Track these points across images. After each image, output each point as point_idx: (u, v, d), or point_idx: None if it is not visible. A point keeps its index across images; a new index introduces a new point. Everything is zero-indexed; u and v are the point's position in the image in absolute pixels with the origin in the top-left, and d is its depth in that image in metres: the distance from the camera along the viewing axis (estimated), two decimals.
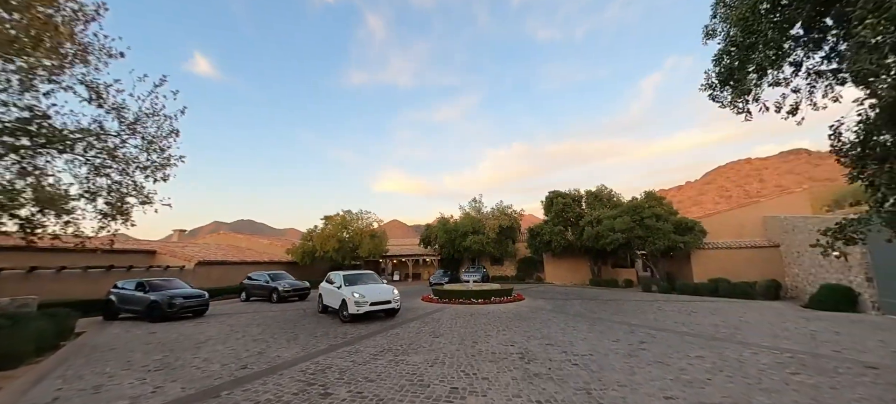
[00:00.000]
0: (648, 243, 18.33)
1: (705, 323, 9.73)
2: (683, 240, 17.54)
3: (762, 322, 9.94)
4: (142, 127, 8.31)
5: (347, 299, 10.48)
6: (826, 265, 13.20)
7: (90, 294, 13.46)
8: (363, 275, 12.24)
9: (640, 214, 19.09)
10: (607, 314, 11.53)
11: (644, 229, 18.64)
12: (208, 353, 7.58)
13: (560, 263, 27.43)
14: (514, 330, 9.16)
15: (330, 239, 24.97)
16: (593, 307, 13.16)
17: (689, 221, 18.32)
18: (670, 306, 13.10)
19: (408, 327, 9.82)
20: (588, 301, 15.01)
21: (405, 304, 14.45)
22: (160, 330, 10.30)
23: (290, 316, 12.20)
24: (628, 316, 11.02)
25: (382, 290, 11.13)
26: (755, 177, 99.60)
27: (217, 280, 19.86)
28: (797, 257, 15.25)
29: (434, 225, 30.41)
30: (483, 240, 27.57)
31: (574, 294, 17.94)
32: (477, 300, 14.12)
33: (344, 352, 7.39)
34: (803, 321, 10.02)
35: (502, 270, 32.39)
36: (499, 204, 30.59)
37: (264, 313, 13.37)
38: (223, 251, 24.20)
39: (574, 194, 26.12)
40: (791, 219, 15.55)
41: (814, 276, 14.00)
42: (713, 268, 17.75)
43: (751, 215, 18.62)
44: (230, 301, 17.97)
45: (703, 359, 6.54)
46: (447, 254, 29.93)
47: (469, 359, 6.73)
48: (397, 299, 11.16)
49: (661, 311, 11.94)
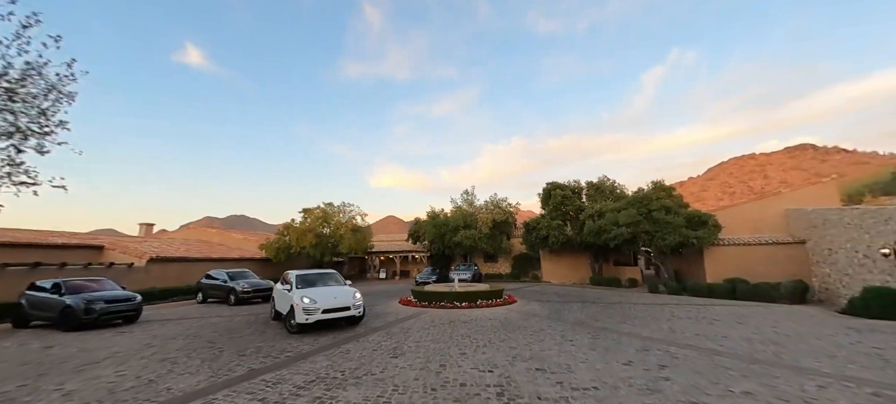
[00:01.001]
0: (657, 238, 16.41)
1: (735, 337, 7.82)
2: (697, 235, 15.62)
3: (804, 334, 8.03)
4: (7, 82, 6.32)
5: (295, 305, 8.55)
6: (868, 264, 11.29)
7: (9, 296, 11.51)
8: (323, 276, 10.31)
9: (647, 207, 17.15)
10: (613, 322, 9.61)
11: (652, 223, 16.71)
12: (82, 382, 5.65)
13: (558, 261, 25.53)
14: (496, 347, 7.24)
15: (307, 233, 22.99)
16: (595, 312, 11.25)
17: (703, 215, 16.40)
18: (684, 311, 11.19)
19: (365, 341, 7.89)
20: (589, 304, 13.10)
21: (378, 308, 12.53)
22: (62, 343, 8.37)
23: (235, 325, 10.27)
24: (638, 326, 9.10)
25: (340, 294, 9.19)
26: (759, 172, 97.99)
27: (176, 278, 17.93)
28: (829, 255, 13.34)
29: (423, 219, 28.45)
30: (475, 235, 25.62)
31: (573, 295, 16.05)
32: (460, 304, 12.20)
33: (260, 383, 5.46)
34: (854, 333, 8.11)
35: (496, 268, 30.50)
36: (493, 196, 28.59)
37: (209, 319, 11.44)
38: (189, 247, 22.24)
39: (574, 186, 24.18)
40: (821, 212, 13.63)
41: (851, 278, 12.10)
42: (728, 267, 15.86)
43: (771, 208, 16.71)
44: (185, 303, 16.04)
45: (753, 398, 4.62)
46: (437, 251, 27.98)
47: (425, 397, 4.81)
48: (359, 304, 9.23)
49: (676, 319, 10.03)
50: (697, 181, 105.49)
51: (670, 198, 17.64)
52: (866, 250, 11.28)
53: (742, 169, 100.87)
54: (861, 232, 11.42)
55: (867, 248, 11.22)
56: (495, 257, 30.47)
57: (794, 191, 16.62)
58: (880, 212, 10.67)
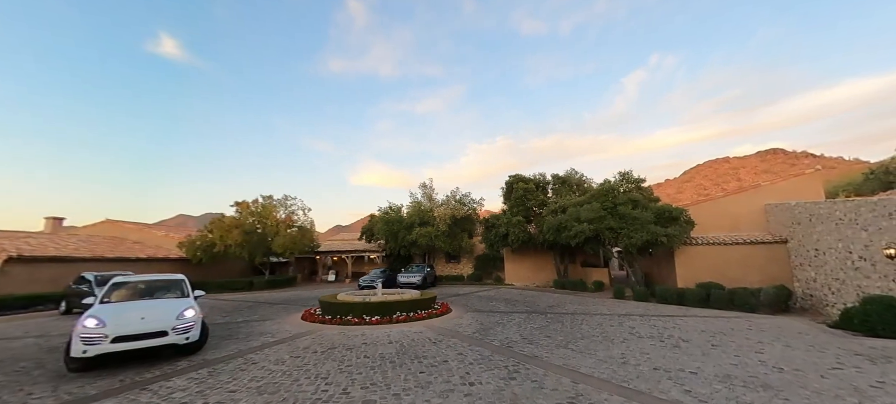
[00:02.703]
0: (623, 236, 14.19)
1: (708, 374, 5.46)
2: (667, 232, 13.46)
3: (801, 366, 5.76)
4: None
5: (73, 333, 5.70)
6: (864, 268, 9.27)
7: None
8: (152, 285, 7.49)
9: (612, 200, 14.95)
10: (549, 346, 7.16)
11: (617, 219, 14.50)
12: None
13: (522, 261, 23.26)
14: (351, 398, 4.63)
15: (232, 230, 19.83)
16: (536, 329, 8.81)
17: (674, 210, 14.31)
18: (648, 326, 8.89)
19: (172, 385, 5.14)
20: (536, 315, 10.68)
21: (264, 325, 9.75)
22: None
23: (28, 351, 7.28)
24: (580, 353, 6.67)
25: (157, 312, 6.37)
26: (733, 175, 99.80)
27: (52, 282, 14.58)
28: (814, 257, 11.38)
29: (376, 215, 25.66)
30: (431, 232, 23.00)
31: (527, 301, 13.65)
32: (370, 318, 9.55)
33: None
34: (867, 363, 5.91)
35: (459, 269, 28.01)
36: (454, 191, 26.00)
37: (23, 340, 8.38)
38: (93, 245, 18.77)
39: (538, 179, 21.89)
40: (807, 206, 11.68)
41: (842, 283, 10.10)
42: (701, 269, 13.83)
43: (749, 203, 14.80)
44: (45, 314, 12.79)
45: None
46: (392, 250, 25.27)
47: None
48: (188, 326, 6.42)
49: (634, 338, 7.67)
50: (674, 183, 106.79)
51: (639, 190, 15.52)
52: (863, 251, 9.27)
53: (716, 171, 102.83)
54: (857, 228, 9.42)
55: (865, 248, 9.21)
56: (458, 257, 27.98)
57: (775, 185, 14.76)
58: (883, 204, 8.66)
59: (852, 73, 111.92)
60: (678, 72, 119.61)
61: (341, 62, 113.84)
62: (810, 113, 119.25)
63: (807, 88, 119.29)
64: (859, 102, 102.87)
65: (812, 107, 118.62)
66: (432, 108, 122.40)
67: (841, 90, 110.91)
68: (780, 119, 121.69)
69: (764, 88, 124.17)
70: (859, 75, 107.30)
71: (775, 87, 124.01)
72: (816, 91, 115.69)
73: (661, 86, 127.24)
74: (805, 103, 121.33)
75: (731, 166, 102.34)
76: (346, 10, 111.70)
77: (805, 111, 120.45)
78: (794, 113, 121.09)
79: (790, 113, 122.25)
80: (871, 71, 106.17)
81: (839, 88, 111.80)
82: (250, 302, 15.11)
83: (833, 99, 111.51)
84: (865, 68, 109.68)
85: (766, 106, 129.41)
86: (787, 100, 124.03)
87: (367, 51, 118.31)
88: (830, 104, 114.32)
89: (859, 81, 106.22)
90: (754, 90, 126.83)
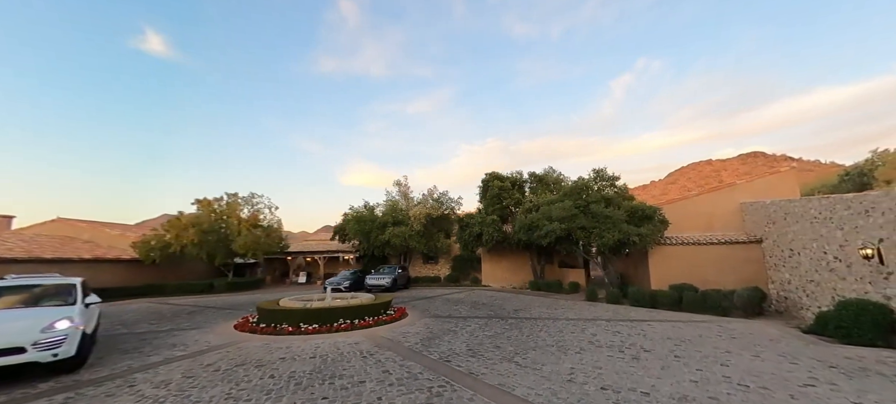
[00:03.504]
0: (595, 236, 13.49)
1: (663, 395, 4.68)
2: (639, 232, 12.79)
3: (768, 382, 5.03)
4: None
5: None
6: (840, 269, 8.70)
7: None
8: (31, 291, 6.38)
9: (585, 198, 14.25)
10: (494, 359, 6.31)
11: (590, 218, 13.79)
12: None
13: (499, 262, 22.49)
14: None
15: (188, 228, 18.53)
16: (488, 338, 7.97)
17: (648, 208, 13.67)
18: (610, 334, 8.13)
19: None
20: (496, 321, 9.85)
21: (189, 335, 8.69)
22: None
23: None
24: (526, 366, 5.84)
25: (13, 326, 5.30)
26: (715, 177, 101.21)
27: None
28: (789, 257, 10.83)
29: (349, 214, 24.57)
30: (405, 232, 22.05)
31: (494, 304, 12.83)
32: (309, 327, 8.57)
33: None
34: (843, 377, 5.22)
35: (436, 270, 27.11)
36: (431, 189, 25.09)
37: None
38: (34, 246, 17.27)
39: (514, 177, 21.15)
40: (781, 205, 11.13)
41: (817, 286, 9.54)
42: (676, 270, 13.22)
43: (725, 202, 14.28)
44: None
45: None
46: (366, 251, 24.23)
47: None
48: (56, 342, 5.36)
49: (592, 348, 6.88)
50: (659, 185, 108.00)
51: (613, 188, 14.87)
52: (838, 251, 8.69)
53: (700, 174, 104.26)
54: (832, 227, 8.85)
55: (840, 249, 8.63)
56: (435, 258, 27.07)
57: (751, 183, 14.27)
58: (859, 200, 8.07)
59: (824, 82, 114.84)
60: (664, 76, 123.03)
61: (332, 62, 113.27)
62: (788, 118, 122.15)
63: (784, 95, 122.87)
64: (831, 109, 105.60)
65: (789, 112, 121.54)
66: (423, 109, 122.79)
67: (815, 97, 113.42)
68: (760, 124, 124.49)
69: (744, 95, 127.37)
70: (831, 84, 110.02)
71: (755, 93, 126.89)
72: (793, 98, 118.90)
73: (648, 90, 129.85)
74: (783, 109, 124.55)
75: (713, 168, 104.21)
76: (338, 10, 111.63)
77: (783, 117, 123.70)
78: (773, 118, 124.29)
79: (769, 118, 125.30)
80: (842, 80, 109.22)
81: (814, 96, 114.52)
82: (197, 306, 13.93)
83: (808, 105, 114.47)
84: (837, 78, 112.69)
85: (746, 111, 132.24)
86: (766, 106, 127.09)
87: (359, 51, 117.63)
88: (806, 110, 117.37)
89: (831, 90, 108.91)
90: (735, 96, 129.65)
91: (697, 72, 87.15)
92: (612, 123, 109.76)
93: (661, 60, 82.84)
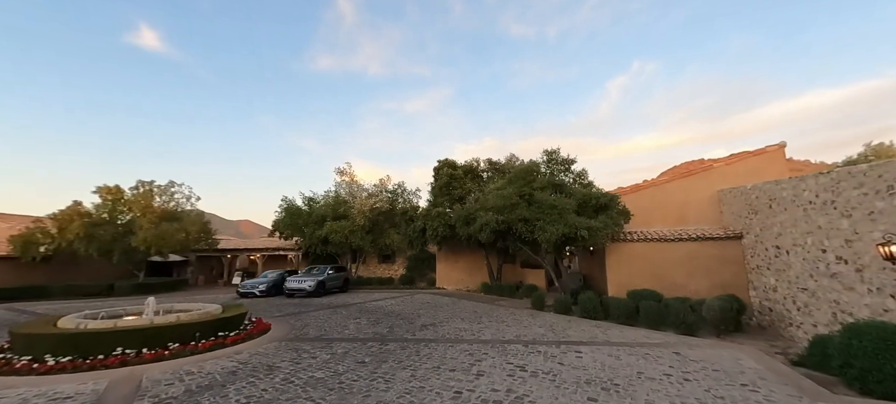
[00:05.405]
0: (538, 229, 10.79)
1: None
2: (589, 225, 10.10)
3: None
4: None
5: None
6: (846, 273, 6.10)
7: None
8: None
9: (530, 185, 11.58)
10: None
11: (534, 208, 11.11)
12: None
13: (455, 261, 19.83)
14: None
15: (74, 220, 15.57)
16: (317, 380, 5.26)
17: (603, 196, 11.06)
18: (507, 370, 5.47)
19: None
20: (369, 345, 7.15)
21: None
22: None
23: None
24: None
25: None
26: None
27: None
28: (776, 257, 8.24)
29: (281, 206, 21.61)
30: (346, 227, 19.24)
31: (408, 315, 10.13)
32: (59, 361, 5.79)
33: None
34: None
35: (392, 271, 24.36)
36: (384, 179, 22.15)
37: None
38: None
39: (469, 164, 18.43)
40: (766, 188, 8.55)
41: (812, 295, 6.95)
42: (638, 273, 10.65)
43: (701, 189, 11.74)
44: None
45: None
46: (309, 248, 21.38)
47: None
48: None
49: (471, 396, 4.20)
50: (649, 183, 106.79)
51: (568, 172, 12.22)
52: (843, 248, 6.10)
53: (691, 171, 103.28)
54: (835, 215, 6.26)
55: (846, 245, 6.04)
56: (392, 258, 24.33)
57: (730, 166, 11.70)
58: (877, 172, 5.49)
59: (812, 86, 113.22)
60: (658, 78, 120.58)
61: (329, 60, 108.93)
62: (777, 120, 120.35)
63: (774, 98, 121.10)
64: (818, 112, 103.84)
65: (778, 114, 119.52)
66: (420, 108, 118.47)
67: (804, 101, 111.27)
68: (751, 125, 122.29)
69: (735, 97, 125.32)
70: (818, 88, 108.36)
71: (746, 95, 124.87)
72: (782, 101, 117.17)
73: (643, 91, 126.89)
74: (772, 111, 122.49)
75: (704, 167, 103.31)
76: (336, 8, 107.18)
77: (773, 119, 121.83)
78: (763, 119, 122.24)
79: (760, 119, 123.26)
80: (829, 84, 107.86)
81: (802, 99, 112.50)
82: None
83: (797, 108, 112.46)
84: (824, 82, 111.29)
85: (737, 113, 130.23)
86: (757, 108, 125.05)
87: (356, 49, 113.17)
88: (794, 112, 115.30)
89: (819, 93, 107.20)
90: (727, 98, 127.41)
91: (690, 75, 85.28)
92: (607, 124, 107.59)
93: (656, 63, 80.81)
